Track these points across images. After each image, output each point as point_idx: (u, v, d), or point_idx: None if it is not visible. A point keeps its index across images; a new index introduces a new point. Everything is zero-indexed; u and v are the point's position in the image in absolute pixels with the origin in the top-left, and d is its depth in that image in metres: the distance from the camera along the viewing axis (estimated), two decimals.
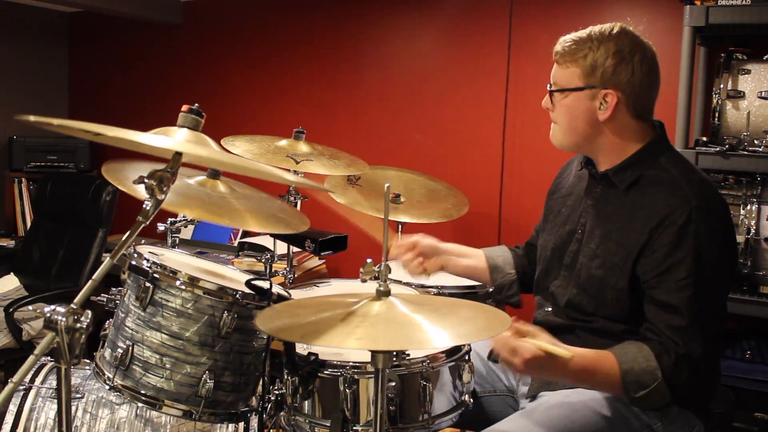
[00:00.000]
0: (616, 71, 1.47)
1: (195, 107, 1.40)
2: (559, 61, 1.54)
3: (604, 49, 1.47)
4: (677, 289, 1.40)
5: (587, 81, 1.50)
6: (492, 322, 1.25)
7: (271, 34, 3.85)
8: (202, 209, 1.52)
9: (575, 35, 1.52)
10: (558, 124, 1.58)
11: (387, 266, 1.27)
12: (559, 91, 1.54)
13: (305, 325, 1.24)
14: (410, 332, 1.18)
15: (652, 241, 1.43)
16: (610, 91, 1.48)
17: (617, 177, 1.54)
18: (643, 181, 1.51)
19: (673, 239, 1.41)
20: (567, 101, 1.54)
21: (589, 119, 1.52)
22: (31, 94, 4.41)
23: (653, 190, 1.48)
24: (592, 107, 1.51)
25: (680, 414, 1.50)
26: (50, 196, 3.49)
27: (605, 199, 1.58)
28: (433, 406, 1.52)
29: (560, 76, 1.54)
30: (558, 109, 1.56)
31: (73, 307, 1.05)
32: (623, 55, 1.47)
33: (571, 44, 1.51)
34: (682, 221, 1.41)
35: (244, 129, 2.67)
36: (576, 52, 1.50)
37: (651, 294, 1.44)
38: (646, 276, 1.44)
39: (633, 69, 1.47)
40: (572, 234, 1.63)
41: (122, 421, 1.73)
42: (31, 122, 1.05)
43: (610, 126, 1.52)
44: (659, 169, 1.50)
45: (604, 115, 1.50)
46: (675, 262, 1.41)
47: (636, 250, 1.46)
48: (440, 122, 3.39)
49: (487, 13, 3.22)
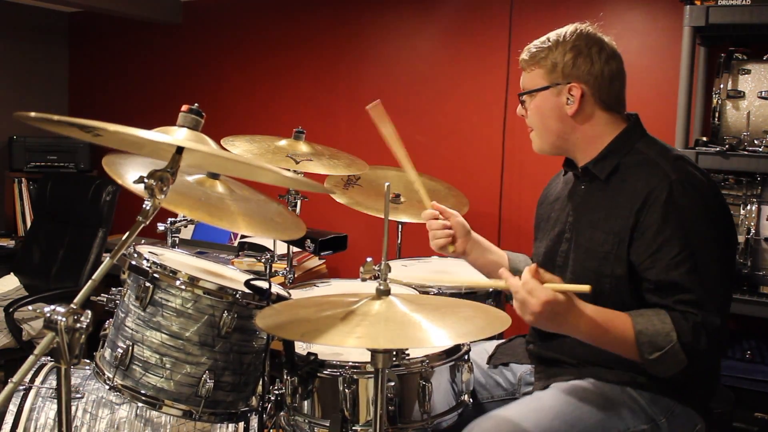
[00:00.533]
0: (575, 64, 1.53)
1: (195, 107, 1.41)
2: (524, 68, 1.62)
3: (562, 48, 1.55)
4: (675, 265, 1.40)
5: (550, 79, 1.56)
6: (491, 322, 1.25)
7: (271, 34, 3.85)
8: (197, 209, 1.52)
9: (536, 42, 1.59)
10: (533, 128, 1.64)
11: (387, 265, 1.27)
12: (526, 93, 1.61)
13: (305, 324, 1.25)
14: (410, 331, 1.18)
15: (640, 222, 1.45)
16: (574, 84, 1.54)
17: (596, 168, 1.57)
18: (621, 168, 1.54)
19: (659, 217, 1.42)
20: (536, 102, 1.59)
21: (558, 116, 1.57)
22: (31, 94, 4.41)
23: (632, 173, 1.51)
24: (560, 103, 1.56)
25: (684, 411, 1.51)
26: (50, 196, 3.49)
27: (589, 193, 1.60)
28: (432, 406, 1.52)
29: (526, 81, 1.61)
30: (530, 112, 1.62)
31: (73, 307, 1.05)
32: (580, 49, 1.54)
33: (533, 49, 1.59)
34: (664, 197, 1.42)
35: (244, 129, 2.67)
36: (537, 56, 1.57)
37: (648, 276, 1.44)
38: (640, 258, 1.45)
39: (591, 60, 1.53)
40: (561, 235, 1.64)
41: (122, 421, 1.73)
42: (32, 118, 1.05)
43: (580, 119, 1.56)
44: (635, 154, 1.54)
45: (572, 109, 1.54)
46: (665, 240, 1.41)
47: (627, 235, 1.46)
48: (440, 122, 3.39)
49: (487, 13, 3.22)
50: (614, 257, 1.49)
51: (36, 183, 3.96)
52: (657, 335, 1.38)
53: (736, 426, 2.29)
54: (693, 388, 1.52)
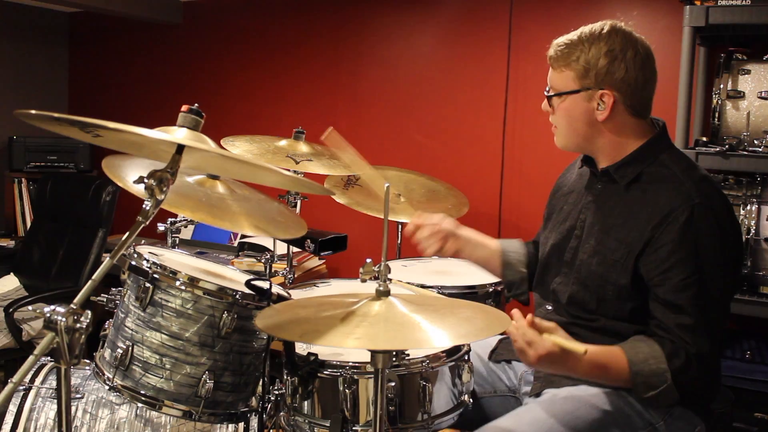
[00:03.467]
0: (609, 71, 1.47)
1: (195, 107, 1.40)
2: (553, 66, 1.55)
3: (596, 50, 1.47)
4: (682, 287, 1.41)
5: (582, 83, 1.50)
6: (491, 323, 1.25)
7: (271, 34, 3.85)
8: (198, 210, 1.52)
9: (566, 38, 1.52)
10: (558, 127, 1.60)
11: (387, 266, 1.27)
12: (556, 95, 1.55)
13: (305, 325, 1.24)
14: (410, 332, 1.18)
15: (655, 238, 1.44)
16: (606, 91, 1.49)
17: (618, 173, 1.54)
18: (644, 177, 1.51)
19: (676, 237, 1.41)
20: (565, 105, 1.54)
21: (587, 120, 1.53)
22: (31, 94, 4.41)
23: (655, 187, 1.49)
24: (590, 108, 1.51)
25: (683, 413, 1.51)
26: (50, 196, 3.49)
27: (605, 196, 1.58)
28: (432, 406, 1.52)
29: (556, 80, 1.55)
30: (557, 112, 1.57)
31: (73, 307, 1.05)
32: (615, 53, 1.47)
33: (563, 47, 1.51)
34: (684, 218, 1.41)
35: (244, 129, 2.67)
36: (568, 56, 1.50)
37: (656, 292, 1.45)
38: (650, 274, 1.45)
39: (626, 67, 1.47)
40: (572, 230, 1.63)
41: (122, 422, 1.73)
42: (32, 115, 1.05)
43: (609, 125, 1.53)
44: (660, 165, 1.51)
45: (603, 116, 1.50)
46: (678, 260, 1.41)
47: (638, 248, 1.46)
48: (440, 122, 3.39)
49: (487, 13, 3.22)
50: (621, 266, 1.49)
51: (36, 183, 3.95)
52: (652, 376, 1.41)
53: (736, 426, 2.29)
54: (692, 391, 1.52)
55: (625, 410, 1.48)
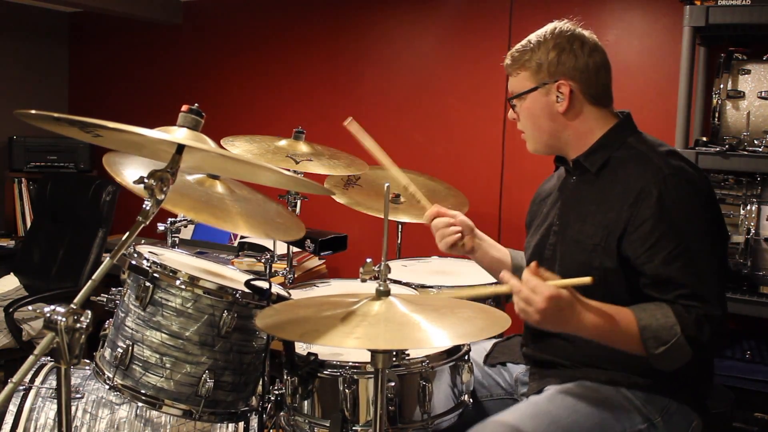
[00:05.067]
0: (560, 61, 1.54)
1: (195, 107, 1.41)
2: (510, 73, 1.62)
3: (544, 48, 1.56)
4: (671, 260, 1.41)
5: (537, 80, 1.56)
6: (491, 323, 1.25)
7: (272, 34, 3.85)
8: (197, 210, 1.52)
9: (518, 45, 1.60)
10: (525, 130, 1.64)
11: (387, 266, 1.27)
12: (516, 97, 1.61)
13: (305, 325, 1.25)
14: (409, 332, 1.18)
15: (633, 216, 1.45)
16: (561, 81, 1.54)
17: (588, 161, 1.58)
18: (612, 162, 1.55)
19: (654, 211, 1.43)
20: (526, 104, 1.59)
21: (549, 114, 1.57)
22: (31, 94, 4.41)
23: (624, 168, 1.52)
24: (550, 102, 1.56)
25: (679, 409, 1.51)
26: (50, 196, 3.49)
27: (579, 187, 1.61)
28: (432, 406, 1.52)
29: (514, 85, 1.62)
30: (521, 115, 1.62)
31: (73, 307, 1.05)
32: (562, 46, 1.55)
33: (515, 54, 1.59)
34: (657, 192, 1.43)
35: (244, 129, 2.66)
36: (521, 59, 1.58)
37: (645, 270, 1.44)
38: (636, 252, 1.45)
39: (575, 55, 1.54)
40: (549, 228, 1.65)
41: (122, 421, 1.73)
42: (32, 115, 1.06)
43: (570, 116, 1.57)
44: (628, 148, 1.55)
45: (563, 107, 1.55)
46: (661, 234, 1.42)
47: (618, 228, 1.47)
48: (440, 122, 3.39)
49: (487, 13, 3.22)
50: (602, 250, 1.49)
51: (36, 183, 3.96)
52: (661, 329, 1.39)
53: (736, 426, 2.29)
54: (688, 386, 1.52)
55: (624, 405, 1.48)
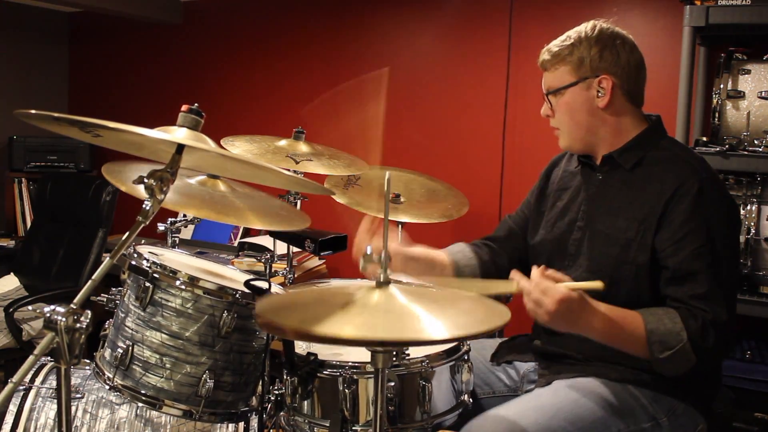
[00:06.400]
0: (602, 57, 1.55)
1: (195, 107, 1.40)
2: (547, 68, 1.61)
3: (587, 43, 1.56)
4: (696, 256, 1.44)
5: (579, 74, 1.57)
6: (491, 315, 1.24)
7: (272, 34, 3.85)
8: (204, 208, 1.52)
9: (557, 41, 1.60)
10: (561, 126, 1.63)
11: (388, 256, 1.27)
12: (555, 92, 1.60)
13: (304, 312, 1.24)
14: (409, 322, 1.18)
15: (668, 211, 1.48)
16: (604, 76, 1.55)
17: (622, 158, 1.59)
18: (646, 160, 1.57)
19: (688, 207, 1.46)
20: (565, 99, 1.59)
21: (589, 109, 1.58)
22: (31, 94, 4.41)
23: (660, 167, 1.55)
24: (590, 96, 1.57)
25: (686, 410, 1.51)
26: (50, 196, 3.49)
27: (608, 182, 1.61)
28: (432, 406, 1.52)
29: (552, 79, 1.61)
30: (558, 110, 1.61)
31: (73, 307, 1.05)
32: (604, 42, 1.55)
33: (555, 49, 1.59)
34: (695, 191, 1.46)
35: (244, 129, 2.67)
36: (560, 54, 1.58)
37: (668, 263, 1.47)
38: (663, 245, 1.48)
39: (618, 52, 1.55)
40: (573, 223, 1.65)
41: (122, 421, 1.73)
42: (32, 115, 1.05)
43: (609, 111, 1.58)
44: (662, 149, 1.58)
45: (604, 101, 1.56)
46: (690, 230, 1.45)
47: (653, 223, 1.49)
48: (440, 122, 3.39)
49: (487, 13, 3.22)
50: (637, 244, 1.51)
51: (36, 183, 3.96)
52: (668, 334, 1.40)
53: (736, 426, 2.29)
54: (696, 388, 1.52)
55: (630, 403, 1.48)
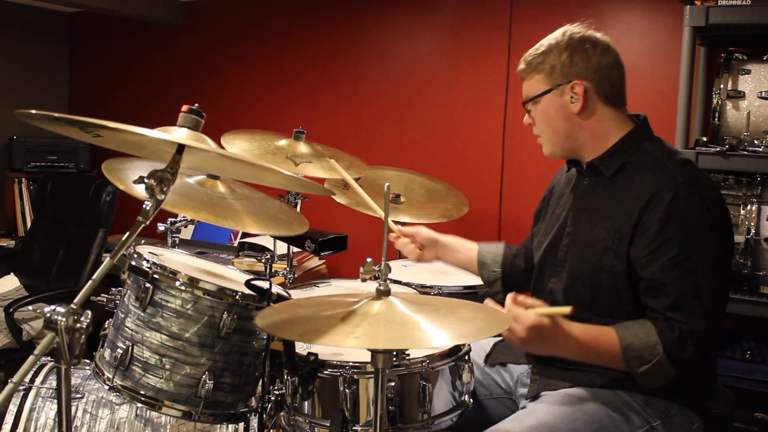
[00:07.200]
0: (573, 62, 1.55)
1: (195, 107, 1.40)
2: (523, 77, 1.63)
3: (557, 50, 1.56)
4: (670, 267, 1.42)
5: (551, 81, 1.57)
6: (491, 323, 1.25)
7: (271, 34, 3.85)
8: (201, 210, 1.52)
9: (530, 50, 1.62)
10: (541, 133, 1.64)
11: (387, 266, 1.27)
12: (530, 100, 1.62)
13: (305, 324, 1.24)
14: (410, 332, 1.18)
15: (643, 220, 1.46)
16: (575, 81, 1.55)
17: (603, 165, 1.58)
18: (628, 167, 1.55)
19: (662, 216, 1.44)
20: (540, 107, 1.60)
21: (564, 115, 1.58)
22: (31, 94, 4.41)
23: (640, 173, 1.52)
24: (564, 102, 1.57)
25: (680, 411, 1.51)
26: (50, 196, 3.49)
27: (592, 189, 1.61)
28: (432, 406, 1.52)
29: (528, 88, 1.63)
30: (536, 118, 1.63)
31: (73, 307, 1.05)
32: (574, 47, 1.56)
33: (528, 58, 1.61)
34: (669, 198, 1.44)
35: (245, 129, 2.66)
36: (533, 63, 1.59)
37: (643, 274, 1.46)
38: (638, 255, 1.46)
39: (588, 56, 1.55)
40: (562, 229, 1.65)
41: (122, 421, 1.73)
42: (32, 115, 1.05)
43: (585, 116, 1.57)
44: (644, 154, 1.55)
45: (577, 107, 1.56)
46: (665, 240, 1.43)
47: (628, 232, 1.48)
48: (440, 122, 3.39)
49: (487, 13, 3.22)
50: (613, 253, 1.50)
51: (36, 183, 3.96)
52: (643, 349, 1.41)
53: (736, 426, 2.29)
54: (689, 389, 1.52)
55: (623, 409, 1.48)
